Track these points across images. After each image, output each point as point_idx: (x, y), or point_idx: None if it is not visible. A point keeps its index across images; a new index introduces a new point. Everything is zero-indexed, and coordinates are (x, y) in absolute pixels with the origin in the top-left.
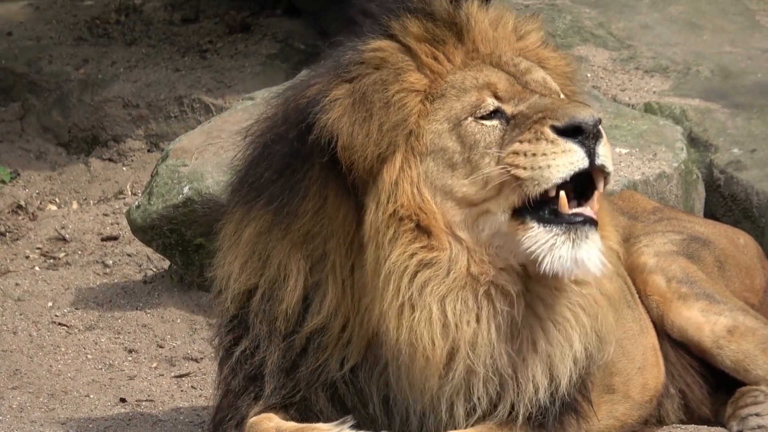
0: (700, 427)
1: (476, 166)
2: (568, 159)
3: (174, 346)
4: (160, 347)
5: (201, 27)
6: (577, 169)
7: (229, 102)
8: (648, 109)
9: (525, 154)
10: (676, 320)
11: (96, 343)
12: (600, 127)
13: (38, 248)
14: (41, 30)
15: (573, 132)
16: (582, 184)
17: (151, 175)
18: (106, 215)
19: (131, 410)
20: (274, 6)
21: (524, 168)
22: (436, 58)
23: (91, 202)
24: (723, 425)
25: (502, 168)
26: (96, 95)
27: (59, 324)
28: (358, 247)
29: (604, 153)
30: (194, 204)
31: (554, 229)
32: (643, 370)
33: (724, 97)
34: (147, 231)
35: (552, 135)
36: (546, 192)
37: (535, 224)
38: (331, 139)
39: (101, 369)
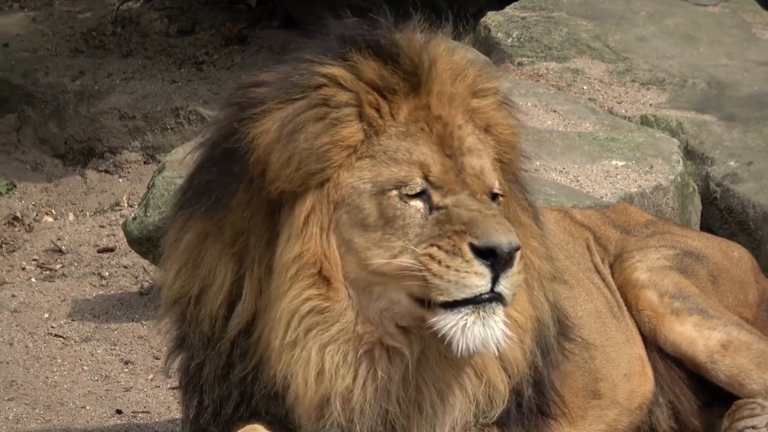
0: None
1: (388, 241)
2: (476, 281)
3: None
4: (156, 359)
5: (197, 39)
6: (477, 293)
7: None
8: (644, 121)
9: (440, 263)
10: (669, 335)
11: (92, 355)
12: (516, 254)
13: (34, 260)
14: (38, 41)
15: (488, 254)
16: None
17: (148, 187)
18: (102, 227)
19: (127, 422)
20: (271, 18)
21: (435, 275)
22: (379, 110)
23: (88, 213)
24: None
25: (416, 263)
26: (92, 107)
27: (55, 335)
28: (274, 247)
29: (507, 285)
30: None
31: (462, 310)
32: (629, 377)
33: (720, 109)
34: (143, 243)
35: (469, 254)
36: None
37: (439, 308)
38: (249, 149)
39: (97, 380)
